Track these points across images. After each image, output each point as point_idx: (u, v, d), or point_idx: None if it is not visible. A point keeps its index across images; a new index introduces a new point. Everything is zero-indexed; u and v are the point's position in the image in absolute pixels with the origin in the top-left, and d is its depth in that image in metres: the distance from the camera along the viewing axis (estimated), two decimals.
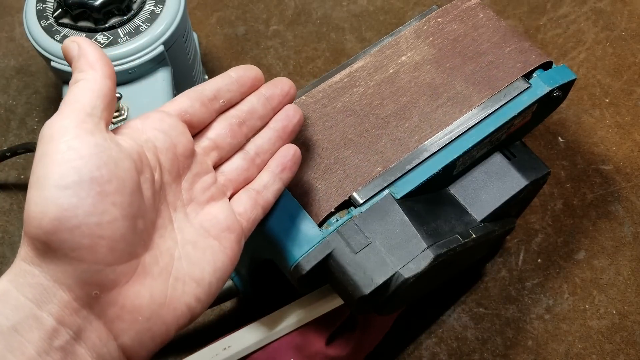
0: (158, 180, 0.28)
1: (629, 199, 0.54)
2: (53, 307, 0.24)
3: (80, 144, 0.25)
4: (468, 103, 0.39)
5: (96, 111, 0.26)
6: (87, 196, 0.24)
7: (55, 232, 0.24)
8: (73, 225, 0.24)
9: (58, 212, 0.23)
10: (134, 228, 0.26)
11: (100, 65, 0.28)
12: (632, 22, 0.64)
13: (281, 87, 0.34)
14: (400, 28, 0.43)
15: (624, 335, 0.49)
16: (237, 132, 0.32)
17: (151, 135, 0.29)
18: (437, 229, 0.36)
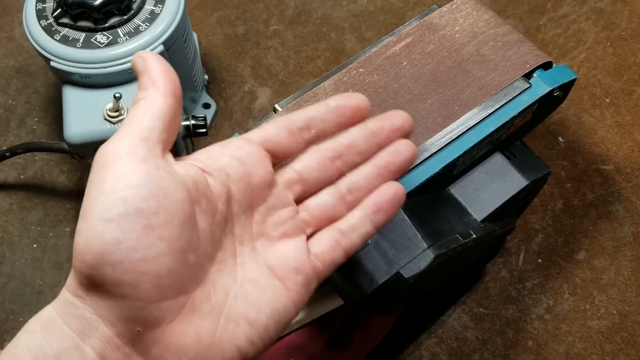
0: (222, 210, 0.26)
1: (630, 199, 0.54)
2: (95, 341, 0.23)
3: (130, 173, 0.23)
4: None
5: (153, 135, 0.25)
6: (131, 230, 0.23)
7: (98, 267, 0.23)
8: (116, 261, 0.22)
9: (101, 246, 0.23)
10: (183, 263, 0.24)
11: (162, 81, 0.26)
12: (633, 22, 0.64)
13: (393, 120, 0.29)
14: (400, 28, 0.43)
15: (624, 336, 0.49)
16: (329, 166, 0.29)
17: (225, 163, 0.27)
18: (437, 229, 0.36)
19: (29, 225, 0.54)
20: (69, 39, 0.46)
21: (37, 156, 0.58)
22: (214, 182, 0.26)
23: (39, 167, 0.57)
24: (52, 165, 0.57)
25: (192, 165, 0.26)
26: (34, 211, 0.55)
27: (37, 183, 0.56)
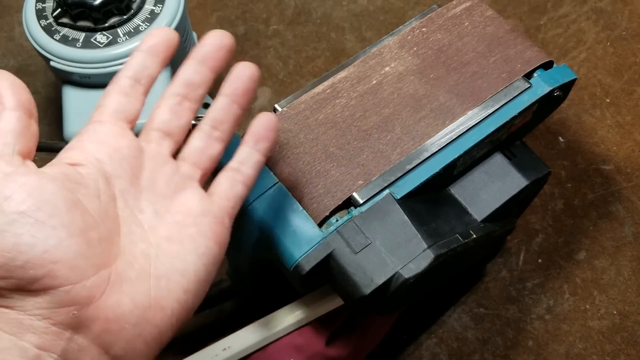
0: (105, 190, 0.28)
1: (630, 199, 0.54)
2: (32, 337, 0.24)
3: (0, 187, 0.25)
4: (451, 115, 0.38)
5: (7, 149, 0.27)
6: (23, 231, 0.24)
7: (9, 275, 0.23)
8: (22, 263, 0.23)
9: (3, 256, 0.23)
10: (88, 241, 0.25)
11: (8, 96, 0.28)
12: (633, 22, 0.63)
13: (211, 42, 0.31)
14: (400, 28, 0.43)
15: (624, 336, 0.49)
16: (181, 110, 0.31)
17: (91, 149, 0.28)
18: (438, 229, 0.36)
19: None
20: (69, 38, 0.46)
21: (37, 156, 0.57)
22: (85, 170, 0.28)
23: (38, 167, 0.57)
24: None
25: (58, 164, 0.28)
26: None
27: None
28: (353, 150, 0.37)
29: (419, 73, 0.40)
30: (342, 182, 0.36)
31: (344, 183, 0.36)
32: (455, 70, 0.40)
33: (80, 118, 0.45)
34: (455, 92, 0.39)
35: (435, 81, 0.40)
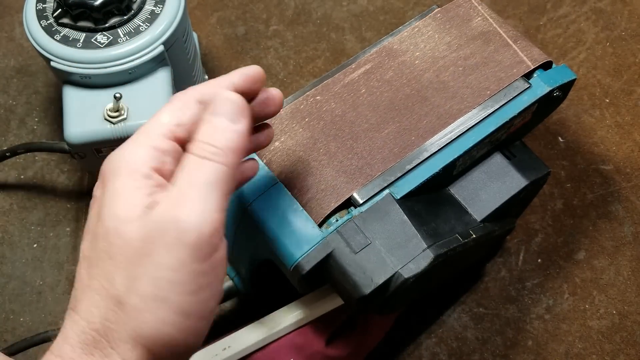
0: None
1: (629, 199, 0.54)
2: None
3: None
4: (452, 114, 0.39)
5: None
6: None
7: (161, 354, 0.26)
8: (181, 347, 0.27)
9: (171, 339, 0.26)
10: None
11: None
12: (632, 22, 0.64)
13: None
14: (400, 28, 0.43)
15: (624, 335, 0.49)
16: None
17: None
18: (437, 229, 0.36)
19: (29, 225, 0.54)
20: (69, 39, 0.46)
21: (38, 156, 0.58)
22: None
23: (39, 167, 0.57)
24: (52, 165, 0.57)
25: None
26: (34, 211, 0.55)
27: (37, 183, 0.56)
28: (354, 149, 0.37)
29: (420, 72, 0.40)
30: (342, 181, 0.36)
31: (344, 183, 0.36)
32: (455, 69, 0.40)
33: (81, 118, 0.45)
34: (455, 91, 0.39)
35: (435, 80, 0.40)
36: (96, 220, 0.27)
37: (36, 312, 0.51)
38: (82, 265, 0.28)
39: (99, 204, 0.28)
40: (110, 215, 0.27)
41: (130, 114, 0.45)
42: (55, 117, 0.59)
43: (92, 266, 0.27)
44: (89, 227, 0.28)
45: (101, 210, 0.27)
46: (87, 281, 0.27)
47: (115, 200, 0.27)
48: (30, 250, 0.53)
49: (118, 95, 0.44)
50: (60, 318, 0.50)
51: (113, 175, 0.27)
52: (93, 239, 0.27)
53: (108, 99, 0.45)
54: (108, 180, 0.27)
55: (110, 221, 0.26)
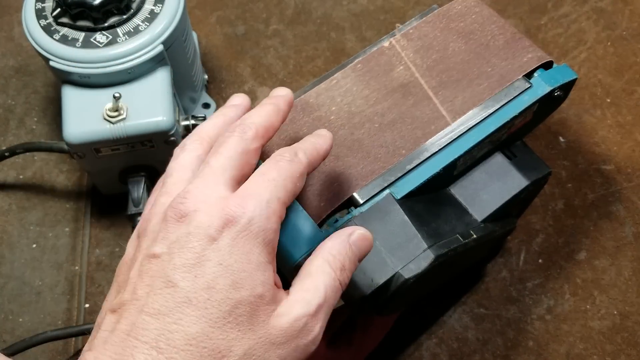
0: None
1: (630, 199, 0.54)
2: None
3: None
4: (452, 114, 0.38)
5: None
6: None
7: None
8: None
9: None
10: None
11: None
12: (633, 22, 0.63)
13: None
14: (400, 27, 0.43)
15: (625, 336, 0.48)
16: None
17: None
18: (438, 229, 0.36)
19: (28, 225, 0.54)
20: (68, 38, 0.45)
21: (37, 156, 0.57)
22: None
23: (38, 167, 0.57)
24: (51, 165, 0.57)
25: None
26: (33, 211, 0.55)
27: (36, 183, 0.56)
28: (355, 149, 0.37)
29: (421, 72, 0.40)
30: (343, 181, 0.36)
31: (344, 182, 0.36)
32: (456, 70, 0.40)
33: (80, 118, 0.45)
34: (455, 90, 0.39)
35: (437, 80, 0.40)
36: (216, 275, 0.26)
37: (35, 312, 0.50)
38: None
39: (222, 259, 0.27)
40: (248, 285, 0.27)
41: (130, 113, 0.45)
42: (54, 116, 0.59)
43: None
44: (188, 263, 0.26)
45: (236, 275, 0.26)
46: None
47: (256, 274, 0.27)
48: (29, 251, 0.53)
49: (117, 95, 0.44)
50: (59, 318, 0.50)
51: (250, 237, 0.27)
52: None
53: (107, 99, 0.45)
54: (238, 236, 0.27)
55: (245, 292, 0.26)
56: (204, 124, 0.34)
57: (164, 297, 0.26)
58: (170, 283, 0.26)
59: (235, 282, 0.26)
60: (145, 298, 0.26)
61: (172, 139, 0.47)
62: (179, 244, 0.27)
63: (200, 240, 0.27)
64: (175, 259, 0.26)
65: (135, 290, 0.27)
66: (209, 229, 0.27)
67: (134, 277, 0.28)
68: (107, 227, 0.54)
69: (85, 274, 0.52)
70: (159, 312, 0.26)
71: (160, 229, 0.28)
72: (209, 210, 0.27)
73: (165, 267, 0.26)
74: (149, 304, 0.26)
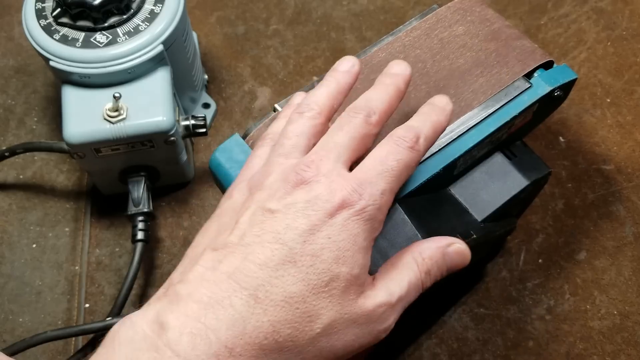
0: None
1: (631, 199, 0.54)
2: None
3: None
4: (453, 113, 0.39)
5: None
6: None
7: None
8: None
9: None
10: None
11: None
12: (633, 22, 0.63)
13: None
14: (400, 27, 0.43)
15: (625, 336, 0.48)
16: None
17: None
18: (438, 230, 0.36)
19: (28, 225, 0.54)
20: (68, 38, 0.45)
21: (37, 156, 0.57)
22: None
23: (38, 167, 0.57)
24: (51, 165, 0.57)
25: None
26: (33, 211, 0.55)
27: (36, 183, 0.56)
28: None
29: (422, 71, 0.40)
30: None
31: None
32: (456, 69, 0.40)
33: (80, 118, 0.45)
34: (456, 90, 0.39)
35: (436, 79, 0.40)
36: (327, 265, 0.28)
37: (35, 312, 0.50)
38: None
39: (332, 233, 0.28)
40: (349, 264, 0.28)
41: (130, 113, 0.45)
42: (54, 116, 0.59)
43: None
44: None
45: (341, 250, 0.28)
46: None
47: (357, 256, 0.28)
48: (29, 251, 0.53)
49: (117, 95, 0.44)
50: (59, 318, 0.50)
51: (360, 221, 0.29)
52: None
53: (107, 99, 0.45)
54: (354, 215, 0.28)
55: (345, 268, 0.28)
56: (318, 91, 0.34)
57: (271, 251, 0.27)
58: (281, 240, 0.27)
59: (339, 258, 0.27)
60: (253, 246, 0.27)
61: (172, 139, 0.47)
62: (296, 208, 0.28)
63: (317, 211, 0.28)
64: (290, 220, 0.27)
65: (244, 236, 0.28)
66: (327, 204, 0.28)
67: (243, 223, 0.28)
68: (107, 227, 0.54)
69: (85, 274, 0.52)
70: (264, 264, 0.27)
71: (279, 187, 0.29)
72: (330, 186, 0.29)
73: (278, 225, 0.27)
74: (255, 253, 0.27)
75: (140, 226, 0.48)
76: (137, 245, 0.48)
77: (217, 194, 0.55)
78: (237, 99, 0.60)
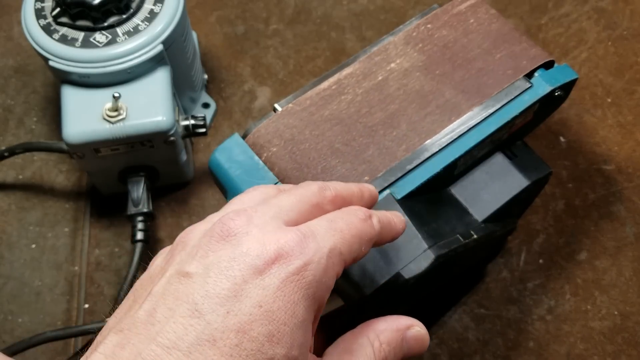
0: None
1: (631, 199, 0.54)
2: None
3: None
4: (457, 111, 0.38)
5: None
6: None
7: None
8: None
9: None
10: None
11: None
12: (634, 22, 0.63)
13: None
14: (400, 27, 0.43)
15: (625, 336, 0.48)
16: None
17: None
18: (438, 230, 0.36)
19: (28, 225, 0.54)
20: (68, 38, 0.45)
21: (36, 156, 0.57)
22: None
23: (37, 167, 0.57)
24: (50, 165, 0.57)
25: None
26: (32, 211, 0.55)
27: (35, 183, 0.56)
28: (358, 146, 0.37)
29: (425, 69, 0.40)
30: (348, 178, 0.36)
31: (349, 180, 0.36)
32: (460, 67, 0.40)
33: (79, 118, 0.45)
34: (460, 89, 0.39)
35: (441, 77, 0.40)
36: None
37: (34, 312, 0.50)
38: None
39: (264, 300, 0.22)
40: (285, 343, 0.22)
41: (129, 113, 0.45)
42: (54, 116, 0.59)
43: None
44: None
45: (274, 324, 0.22)
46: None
47: (297, 333, 0.23)
48: (28, 251, 0.53)
49: (117, 95, 0.44)
50: (58, 319, 0.50)
51: (302, 285, 0.23)
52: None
53: (107, 99, 0.45)
54: (288, 279, 0.23)
55: (280, 350, 0.22)
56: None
57: (184, 328, 0.21)
58: (197, 312, 0.21)
59: (273, 335, 0.22)
60: (163, 324, 0.22)
61: (172, 138, 0.47)
62: (218, 268, 0.22)
63: (243, 270, 0.22)
64: (210, 285, 0.22)
65: (154, 311, 0.22)
66: (257, 260, 0.23)
67: (156, 294, 0.23)
68: (107, 227, 0.54)
69: (84, 274, 0.52)
70: (174, 346, 0.21)
71: (201, 244, 0.24)
72: (262, 238, 0.23)
73: (195, 292, 0.22)
74: (164, 332, 0.21)
75: (139, 226, 0.48)
76: (137, 245, 0.48)
77: (216, 194, 0.55)
78: (237, 98, 0.60)
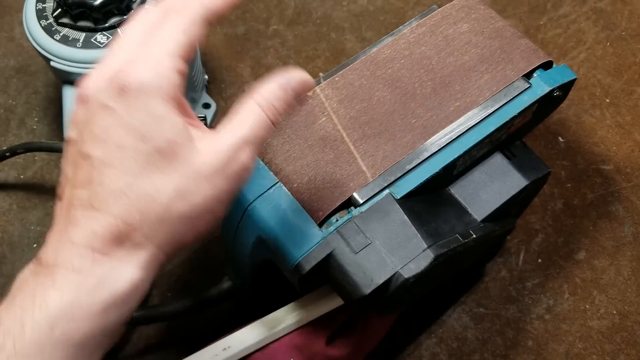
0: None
1: (630, 199, 0.54)
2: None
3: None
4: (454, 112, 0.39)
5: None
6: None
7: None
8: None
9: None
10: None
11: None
12: (633, 22, 0.63)
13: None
14: (400, 28, 0.43)
15: (624, 336, 0.49)
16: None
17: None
18: (437, 229, 0.36)
19: (29, 225, 0.54)
20: (69, 39, 0.46)
21: (37, 156, 0.58)
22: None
23: (38, 167, 0.57)
24: (52, 165, 0.57)
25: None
26: (34, 211, 0.55)
27: (37, 183, 0.56)
28: (355, 149, 0.37)
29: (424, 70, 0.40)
30: (343, 181, 0.36)
31: (344, 182, 0.36)
32: (461, 65, 0.40)
33: None
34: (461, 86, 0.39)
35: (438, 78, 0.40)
36: (126, 136, 0.27)
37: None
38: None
39: (123, 122, 0.27)
40: (155, 134, 0.27)
41: None
42: (55, 117, 0.59)
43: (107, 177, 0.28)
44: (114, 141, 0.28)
45: (141, 129, 0.27)
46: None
47: (161, 123, 0.28)
48: (30, 251, 0.53)
49: None
50: None
51: (146, 97, 0.27)
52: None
53: None
54: (133, 98, 0.27)
55: (154, 141, 0.27)
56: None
57: (84, 170, 0.28)
58: (86, 156, 0.28)
59: (142, 136, 0.27)
60: (73, 176, 0.28)
61: None
62: (84, 124, 0.28)
63: (98, 114, 0.28)
64: (84, 136, 0.28)
65: (66, 173, 0.29)
66: (103, 100, 0.28)
67: (64, 164, 0.30)
68: None
69: None
70: (86, 182, 0.28)
71: (72, 116, 0.30)
72: (100, 84, 0.28)
73: (79, 147, 0.28)
74: (76, 179, 0.28)
75: None
76: None
77: None
78: (238, 99, 0.60)
